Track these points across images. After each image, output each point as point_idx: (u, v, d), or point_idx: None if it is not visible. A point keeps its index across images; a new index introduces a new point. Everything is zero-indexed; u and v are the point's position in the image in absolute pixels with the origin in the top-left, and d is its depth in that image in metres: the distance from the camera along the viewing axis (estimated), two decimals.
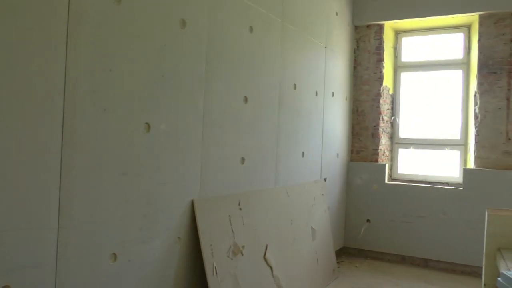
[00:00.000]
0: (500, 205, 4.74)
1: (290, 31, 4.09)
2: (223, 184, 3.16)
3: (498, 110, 5.02)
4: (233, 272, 3.01)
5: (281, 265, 3.63)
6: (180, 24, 2.72)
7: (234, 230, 3.11)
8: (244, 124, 3.40)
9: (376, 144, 5.63)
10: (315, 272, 4.23)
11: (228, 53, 3.19)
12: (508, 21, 5.01)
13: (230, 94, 3.22)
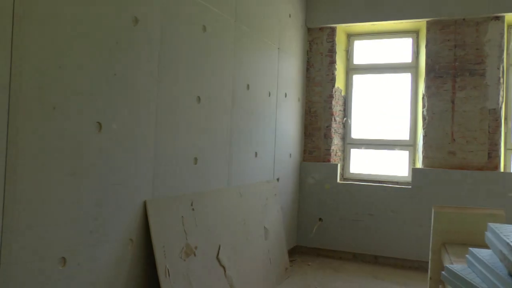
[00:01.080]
0: (445, 202, 4.97)
1: (244, 32, 4.09)
2: (176, 185, 3.11)
3: (444, 112, 5.25)
4: (185, 273, 2.98)
5: (234, 265, 3.62)
6: (133, 21, 2.65)
7: (187, 231, 3.07)
8: (197, 124, 3.37)
9: (329, 145, 5.73)
10: (268, 272, 4.25)
11: (181, 52, 3.15)
12: (452, 28, 5.25)
13: (183, 93, 3.18)
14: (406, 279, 4.81)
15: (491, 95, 5.10)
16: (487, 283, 1.87)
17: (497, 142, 5.06)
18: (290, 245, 5.46)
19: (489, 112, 5.10)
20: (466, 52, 5.20)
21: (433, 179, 5.17)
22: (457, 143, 5.19)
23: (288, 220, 5.40)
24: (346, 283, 4.58)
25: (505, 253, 1.70)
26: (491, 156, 5.06)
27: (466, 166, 5.13)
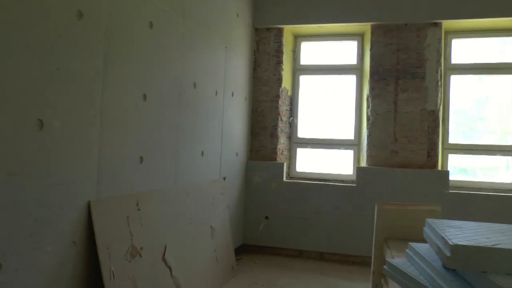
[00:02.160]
0: (388, 199, 5.18)
1: (191, 30, 4.06)
2: (122, 184, 3.04)
3: (387, 113, 5.47)
4: (131, 275, 2.92)
5: (181, 265, 3.59)
6: (77, 15, 2.56)
7: (132, 232, 3.01)
8: (143, 122, 3.31)
9: (275, 144, 5.80)
10: (215, 271, 4.25)
11: (127, 48, 3.08)
12: (395, 32, 5.48)
13: (129, 91, 3.11)
14: (350, 274, 4.96)
15: (430, 97, 5.36)
16: (424, 275, 1.97)
17: (435, 142, 5.34)
18: (237, 243, 5.48)
19: (428, 114, 5.36)
20: (408, 56, 5.43)
21: (376, 177, 5.37)
22: (399, 142, 5.42)
23: (235, 218, 5.42)
24: (292, 280, 4.66)
25: (440, 247, 1.80)
26: (430, 155, 5.33)
27: (407, 164, 5.37)
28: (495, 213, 4.99)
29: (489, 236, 1.80)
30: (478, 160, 5.69)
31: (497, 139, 5.61)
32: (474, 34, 5.62)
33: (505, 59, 5.56)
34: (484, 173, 5.66)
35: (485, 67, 5.59)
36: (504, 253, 1.59)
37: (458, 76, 5.64)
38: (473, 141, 5.61)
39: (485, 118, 5.71)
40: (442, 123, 5.55)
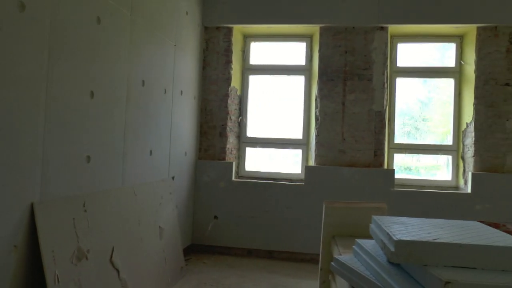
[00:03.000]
0: (336, 197, 5.33)
1: (140, 26, 3.99)
2: (67, 185, 2.94)
3: (336, 113, 5.61)
4: (77, 278, 2.83)
5: (128, 267, 3.52)
6: (19, 7, 2.45)
7: (78, 234, 2.92)
8: (90, 120, 3.22)
9: (224, 143, 5.81)
10: (163, 272, 4.20)
11: (73, 43, 2.98)
12: (343, 35, 5.63)
13: (75, 87, 3.01)
14: (299, 271, 5.06)
15: (377, 99, 5.56)
16: (370, 270, 2.05)
17: (382, 141, 5.54)
18: (186, 243, 5.44)
19: (375, 114, 5.56)
20: (356, 58, 5.61)
21: (324, 176, 5.50)
22: (347, 142, 5.58)
23: (184, 218, 5.37)
24: (240, 279, 4.68)
25: (385, 242, 1.88)
26: (376, 154, 5.53)
27: (354, 163, 5.54)
28: (436, 209, 5.26)
29: (430, 231, 1.90)
30: (421, 159, 5.99)
31: (438, 139, 5.93)
32: (418, 39, 5.90)
33: (446, 64, 5.89)
34: (427, 171, 5.96)
35: (428, 71, 5.89)
36: (442, 247, 1.68)
37: (403, 79, 5.89)
38: (417, 141, 5.90)
39: (428, 119, 6.01)
40: (388, 124, 5.77)
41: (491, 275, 1.58)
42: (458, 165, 5.73)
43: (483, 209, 5.24)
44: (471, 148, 5.45)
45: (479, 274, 1.59)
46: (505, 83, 5.38)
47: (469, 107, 5.52)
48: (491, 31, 5.42)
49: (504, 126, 5.35)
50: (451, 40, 5.85)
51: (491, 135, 5.37)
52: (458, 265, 1.67)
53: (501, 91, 5.38)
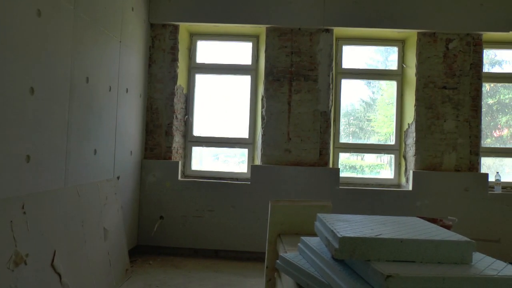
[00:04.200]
0: (282, 196, 5.40)
1: (83, 21, 3.86)
2: (5, 186, 2.80)
3: (281, 113, 5.69)
4: (14, 285, 2.70)
5: (71, 270, 3.40)
6: None
7: (16, 237, 2.79)
8: (30, 118, 3.08)
9: (170, 142, 5.73)
10: (108, 274, 4.09)
11: (12, 37, 2.84)
12: (289, 36, 5.72)
13: (14, 83, 2.87)
14: (244, 270, 5.08)
15: (322, 99, 5.69)
16: (315, 267, 2.10)
17: (327, 141, 5.67)
18: (131, 245, 5.32)
19: (320, 114, 5.69)
20: (301, 59, 5.71)
21: (270, 175, 5.56)
22: (292, 141, 5.67)
23: (129, 219, 5.26)
24: (186, 279, 4.65)
25: (329, 239, 1.93)
26: (322, 154, 5.65)
27: (300, 162, 5.64)
28: (380, 206, 5.47)
29: (373, 227, 1.97)
30: (365, 158, 6.20)
31: (382, 139, 6.17)
32: (362, 42, 6.09)
33: (389, 66, 6.14)
34: (371, 170, 6.19)
35: (372, 73, 6.11)
36: (384, 242, 1.75)
37: (348, 80, 6.07)
38: (361, 141, 6.11)
39: (372, 119, 6.24)
40: (333, 124, 5.92)
41: (428, 268, 1.67)
42: (400, 164, 5.98)
43: (423, 205, 5.50)
44: (412, 147, 5.70)
45: (418, 267, 1.67)
46: (442, 86, 5.68)
47: (411, 108, 5.78)
48: (430, 37, 5.70)
49: (442, 127, 5.65)
50: (393, 44, 6.10)
51: (430, 135, 5.64)
52: (399, 259, 1.74)
53: (439, 94, 5.67)
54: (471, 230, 5.30)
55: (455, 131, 5.65)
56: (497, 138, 6.32)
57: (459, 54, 5.70)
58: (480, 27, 5.67)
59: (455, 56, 5.70)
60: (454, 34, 5.70)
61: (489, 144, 6.18)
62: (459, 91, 5.68)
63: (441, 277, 1.58)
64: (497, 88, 6.40)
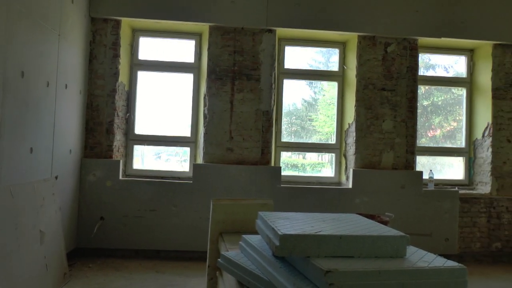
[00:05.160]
0: (224, 195, 5.40)
1: (18, 12, 3.67)
2: None
3: (224, 112, 5.69)
4: None
5: (4, 276, 3.23)
6: None
7: None
8: None
9: (111, 140, 5.58)
10: (44, 279, 3.92)
11: None
12: (232, 35, 5.73)
13: None
14: (186, 270, 5.04)
15: (264, 98, 5.75)
16: (256, 264, 2.12)
17: (269, 140, 5.74)
18: (70, 247, 5.13)
19: (262, 114, 5.74)
20: (244, 58, 5.73)
21: (212, 174, 5.54)
22: (234, 140, 5.68)
23: (68, 221, 5.06)
24: (127, 281, 4.55)
25: (270, 237, 1.96)
26: (264, 152, 5.71)
27: (242, 161, 5.67)
28: (320, 203, 5.61)
29: (313, 225, 2.02)
30: (307, 157, 6.33)
31: (323, 138, 6.32)
32: (305, 43, 6.21)
33: (331, 68, 6.32)
34: (312, 169, 6.33)
35: (314, 74, 6.25)
36: (324, 239, 1.80)
37: (290, 80, 6.17)
38: (303, 140, 6.23)
39: (313, 119, 6.37)
40: (275, 123, 6.00)
41: (366, 262, 1.73)
42: (340, 162, 6.15)
43: (362, 202, 5.70)
44: (352, 146, 5.89)
45: (356, 262, 1.73)
46: (381, 88, 5.90)
47: (351, 109, 5.96)
48: (370, 40, 5.91)
49: (381, 127, 5.88)
50: (335, 46, 6.27)
51: (369, 135, 5.85)
52: (338, 255, 1.79)
53: (378, 95, 5.89)
54: (406, 225, 5.55)
55: (393, 131, 5.90)
56: (431, 138, 6.65)
57: (396, 58, 5.95)
58: (415, 32, 5.95)
59: (393, 59, 5.94)
60: (392, 38, 5.94)
61: (424, 144, 6.50)
62: (397, 93, 5.93)
63: (377, 270, 1.65)
64: (431, 91, 6.74)
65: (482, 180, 6.26)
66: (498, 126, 6.14)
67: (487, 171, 6.15)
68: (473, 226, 6.06)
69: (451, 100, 6.81)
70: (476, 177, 6.38)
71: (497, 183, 6.10)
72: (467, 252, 6.04)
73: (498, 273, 5.54)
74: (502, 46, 6.17)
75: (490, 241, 6.09)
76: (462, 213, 6.00)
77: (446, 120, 6.77)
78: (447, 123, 6.76)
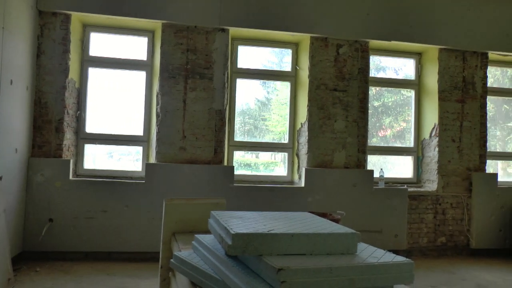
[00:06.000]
0: (177, 194, 5.31)
1: None
2: None
3: (177, 110, 5.62)
4: None
5: None
6: None
7: None
8: None
9: (60, 139, 5.39)
10: None
11: None
12: (185, 33, 5.67)
13: None
14: (139, 271, 4.95)
15: (217, 98, 5.72)
16: (209, 264, 2.11)
17: (222, 139, 5.72)
18: (15, 252, 4.91)
19: (215, 113, 5.72)
20: (197, 57, 5.69)
21: (165, 173, 5.47)
22: (187, 139, 5.63)
23: (13, 223, 4.84)
24: (77, 285, 4.41)
25: (223, 236, 1.94)
26: (216, 152, 5.69)
27: (195, 160, 5.62)
28: (273, 202, 5.66)
29: (266, 223, 2.02)
30: (260, 156, 6.37)
31: (276, 138, 6.37)
32: (258, 43, 6.24)
33: (284, 68, 6.38)
34: (265, 168, 6.37)
35: (267, 73, 6.29)
36: (276, 237, 1.80)
37: (244, 80, 6.18)
38: (256, 139, 6.25)
39: (267, 118, 6.41)
40: (229, 122, 5.99)
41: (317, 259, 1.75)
42: (293, 161, 6.22)
43: (314, 201, 5.79)
44: (304, 146, 5.97)
45: (307, 260, 1.74)
46: (333, 88, 6.02)
47: (303, 108, 6.04)
48: (322, 41, 6.01)
49: (333, 127, 5.99)
50: (288, 47, 6.34)
51: (322, 134, 5.96)
52: (291, 253, 1.81)
53: (330, 96, 6.01)
54: (358, 223, 5.69)
55: (345, 130, 6.03)
56: (381, 138, 6.86)
57: (348, 59, 6.09)
58: (366, 35, 6.11)
59: (345, 61, 6.07)
60: (344, 40, 6.07)
61: (375, 143, 6.69)
62: (348, 94, 6.07)
63: (329, 267, 1.67)
64: (382, 92, 6.95)
65: (429, 178, 6.52)
66: (444, 126, 6.41)
67: (434, 170, 6.41)
68: (421, 222, 6.30)
69: (400, 101, 7.04)
70: (424, 175, 6.63)
71: (443, 181, 6.37)
72: (415, 247, 6.27)
73: (443, 266, 5.80)
74: (447, 50, 6.45)
75: (436, 236, 6.35)
76: (410, 210, 6.22)
77: (396, 120, 7.00)
78: (397, 123, 6.99)
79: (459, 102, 6.50)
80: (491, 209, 6.50)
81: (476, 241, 6.43)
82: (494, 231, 6.51)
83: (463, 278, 5.29)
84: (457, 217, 6.46)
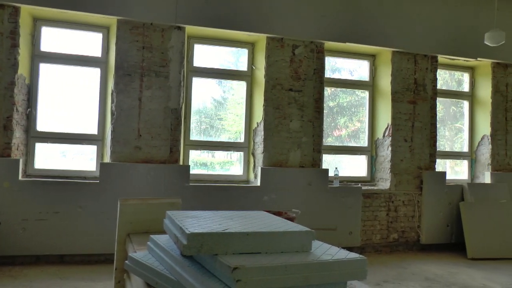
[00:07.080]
0: (132, 194, 5.21)
1: None
2: None
3: (132, 109, 5.52)
4: None
5: None
6: None
7: None
8: None
9: (9, 138, 5.17)
10: None
11: None
12: (141, 30, 5.57)
13: None
14: (93, 274, 4.83)
15: (173, 96, 5.67)
16: (164, 265, 2.09)
17: (177, 138, 5.66)
18: None
19: (171, 111, 5.65)
20: (153, 55, 5.61)
21: (120, 173, 5.36)
22: (143, 138, 5.54)
23: None
24: None
25: (178, 236, 1.93)
26: (172, 151, 5.63)
27: (150, 160, 5.54)
28: (229, 201, 5.66)
29: (221, 222, 2.02)
30: (216, 155, 6.35)
31: (232, 137, 6.37)
32: (214, 42, 6.23)
33: (240, 67, 6.39)
34: (221, 167, 6.35)
35: (223, 73, 6.28)
36: (231, 236, 1.81)
37: (200, 79, 6.15)
38: (212, 138, 6.23)
39: (223, 118, 6.40)
40: (184, 121, 5.94)
41: (272, 257, 1.77)
42: (249, 160, 6.25)
43: (270, 199, 5.84)
44: (260, 145, 6.01)
45: (262, 258, 1.76)
46: (289, 88, 6.09)
47: (259, 108, 6.08)
48: (278, 42, 6.07)
49: (288, 126, 6.06)
50: (244, 46, 6.36)
51: (277, 134, 6.01)
52: (246, 252, 1.82)
53: (286, 96, 6.07)
54: (313, 221, 5.77)
55: (300, 130, 6.12)
56: (336, 137, 7.00)
57: (304, 60, 6.17)
58: (322, 36, 6.22)
59: (300, 61, 6.16)
60: (300, 41, 6.16)
61: (330, 143, 6.82)
62: (304, 94, 6.15)
63: (284, 265, 1.69)
64: (337, 92, 7.09)
65: (382, 177, 6.72)
66: (397, 126, 6.62)
67: (387, 168, 6.61)
68: (374, 220, 6.48)
69: (355, 102, 7.21)
70: (377, 174, 6.83)
71: (395, 179, 6.58)
72: (368, 244, 6.45)
73: (395, 262, 6.00)
74: (399, 53, 6.66)
75: (388, 232, 6.56)
76: (364, 207, 6.39)
77: (351, 120, 7.16)
78: (352, 123, 7.16)
79: (411, 103, 6.73)
80: (439, 206, 6.78)
81: (426, 236, 6.69)
82: (442, 226, 6.80)
83: (413, 272, 5.49)
84: (408, 214, 6.69)
